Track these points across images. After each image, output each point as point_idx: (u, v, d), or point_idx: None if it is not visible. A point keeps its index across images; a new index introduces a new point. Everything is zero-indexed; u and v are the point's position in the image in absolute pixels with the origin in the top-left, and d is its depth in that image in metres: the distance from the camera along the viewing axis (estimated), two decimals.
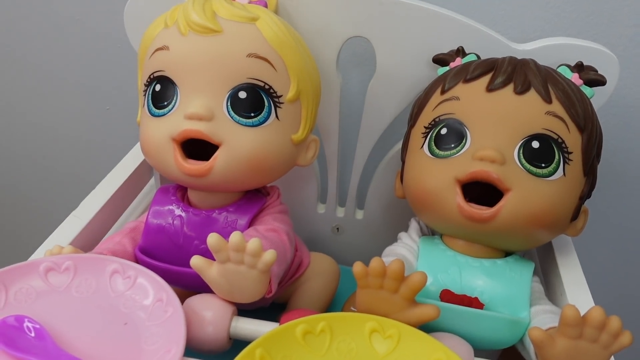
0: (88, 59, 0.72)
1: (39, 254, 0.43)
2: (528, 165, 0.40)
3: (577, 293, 0.43)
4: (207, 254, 0.38)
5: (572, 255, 0.47)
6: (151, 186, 0.59)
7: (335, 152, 0.60)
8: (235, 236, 0.35)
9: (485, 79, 0.43)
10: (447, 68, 0.48)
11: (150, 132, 0.44)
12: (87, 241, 0.46)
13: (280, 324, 0.37)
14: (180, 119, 0.42)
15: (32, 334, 0.34)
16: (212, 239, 0.36)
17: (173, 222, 0.46)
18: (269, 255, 0.36)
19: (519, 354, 0.43)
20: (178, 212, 0.46)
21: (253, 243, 0.36)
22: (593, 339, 0.34)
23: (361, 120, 0.58)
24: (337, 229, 0.66)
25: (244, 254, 0.36)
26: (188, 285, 0.44)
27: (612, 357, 0.36)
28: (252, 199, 0.48)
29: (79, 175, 0.83)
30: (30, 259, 0.41)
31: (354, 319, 0.37)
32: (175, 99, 0.43)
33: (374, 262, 0.36)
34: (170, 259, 0.45)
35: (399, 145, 0.57)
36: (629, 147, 0.64)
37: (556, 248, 0.48)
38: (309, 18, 0.52)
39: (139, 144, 0.57)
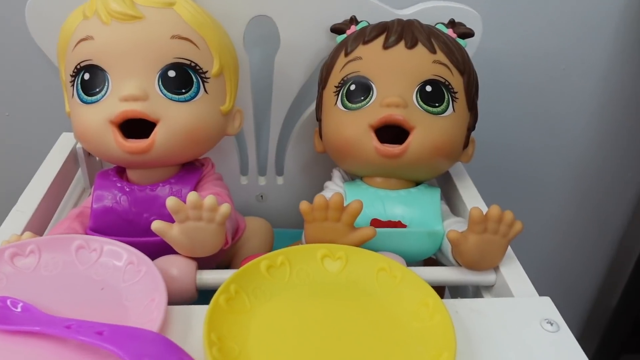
0: None
1: None
2: (425, 106, 0.49)
3: (476, 205, 0.53)
4: None
5: (467, 179, 0.57)
6: (79, 178, 0.60)
7: (251, 126, 0.65)
8: (192, 195, 0.40)
9: (381, 39, 0.50)
10: (344, 36, 0.55)
11: (85, 119, 0.46)
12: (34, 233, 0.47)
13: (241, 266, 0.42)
14: (115, 102, 0.45)
15: (19, 310, 0.36)
16: (171, 201, 0.40)
17: (120, 201, 0.48)
18: (225, 207, 0.41)
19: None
20: (122, 191, 0.48)
21: (209, 199, 0.40)
22: (494, 231, 0.43)
23: (272, 93, 0.63)
24: (261, 196, 0.71)
25: (201, 211, 0.41)
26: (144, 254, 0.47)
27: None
28: (190, 170, 0.51)
29: None
30: None
31: (307, 249, 0.43)
32: (106, 84, 0.45)
33: (318, 198, 0.42)
34: (121, 234, 0.47)
35: (309, 111, 0.64)
36: (496, 93, 0.76)
37: (454, 175, 0.58)
38: (213, 1, 0.56)
39: (61, 137, 0.59)
